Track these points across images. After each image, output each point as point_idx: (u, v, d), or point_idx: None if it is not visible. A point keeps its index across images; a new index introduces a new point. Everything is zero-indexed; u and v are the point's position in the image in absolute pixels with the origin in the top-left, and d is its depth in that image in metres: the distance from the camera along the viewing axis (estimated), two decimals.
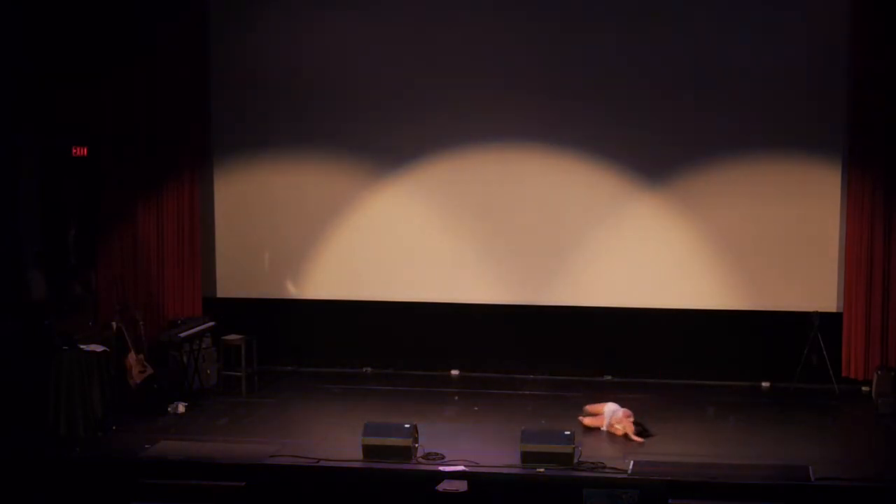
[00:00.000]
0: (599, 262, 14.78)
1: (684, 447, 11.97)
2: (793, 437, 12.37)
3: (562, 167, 14.76)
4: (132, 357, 13.65)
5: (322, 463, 11.28)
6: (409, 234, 15.12)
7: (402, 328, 15.21)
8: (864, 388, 14.07)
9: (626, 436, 12.19)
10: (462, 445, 11.79)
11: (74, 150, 14.91)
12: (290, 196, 15.31)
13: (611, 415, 12.43)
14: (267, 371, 14.98)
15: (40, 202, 14.92)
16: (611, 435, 12.30)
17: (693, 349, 14.67)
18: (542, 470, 10.99)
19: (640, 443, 12.02)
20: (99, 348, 12.86)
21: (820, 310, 14.21)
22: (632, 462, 11.14)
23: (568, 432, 11.44)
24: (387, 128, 15.04)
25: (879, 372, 13.74)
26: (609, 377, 14.70)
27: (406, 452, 11.32)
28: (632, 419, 12.34)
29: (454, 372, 15.18)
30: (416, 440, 11.47)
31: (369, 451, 11.34)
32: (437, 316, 15.09)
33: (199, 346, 14.19)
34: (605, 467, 11.05)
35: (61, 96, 14.67)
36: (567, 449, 11.13)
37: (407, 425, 11.49)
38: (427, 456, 11.41)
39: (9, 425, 12.22)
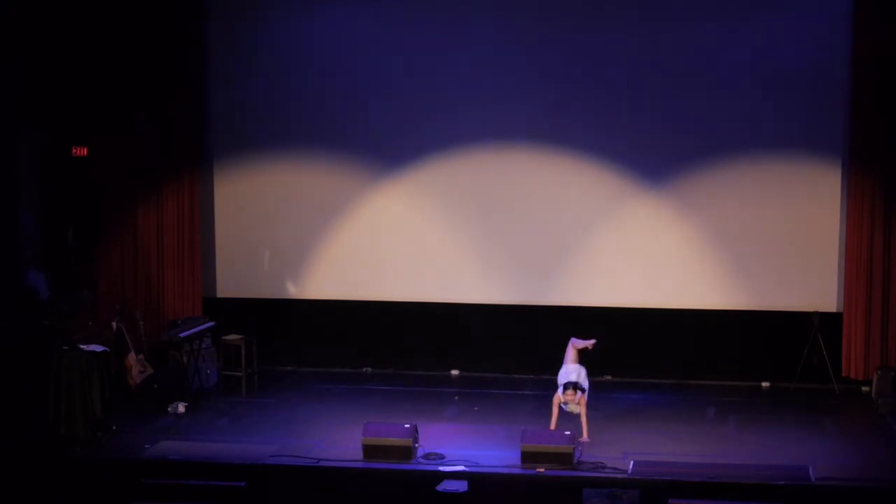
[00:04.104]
0: (599, 262, 14.78)
1: (684, 447, 11.98)
2: (793, 437, 12.38)
3: (562, 167, 14.76)
4: (132, 357, 13.67)
5: (322, 463, 11.28)
6: (409, 235, 15.12)
7: (402, 328, 15.22)
8: (864, 388, 14.08)
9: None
10: (462, 445, 11.80)
11: (74, 150, 14.94)
12: (290, 196, 15.31)
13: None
14: (267, 371, 14.98)
15: (40, 202, 14.94)
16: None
17: (693, 349, 14.68)
18: (542, 470, 10.99)
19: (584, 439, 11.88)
20: (99, 348, 12.86)
21: (820, 310, 14.22)
22: (632, 462, 11.14)
23: (568, 432, 11.45)
24: (387, 128, 15.05)
25: (879, 372, 13.75)
26: (609, 377, 14.69)
27: (406, 452, 11.33)
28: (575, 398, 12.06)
29: (454, 372, 15.18)
30: (416, 440, 11.48)
31: (369, 451, 11.35)
32: (437, 316, 15.10)
33: (199, 346, 14.19)
34: (605, 467, 11.05)
35: (62, 96, 14.69)
36: (567, 449, 11.13)
37: (407, 425, 11.51)
38: (427, 456, 11.41)
39: (9, 425, 12.22)
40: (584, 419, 11.91)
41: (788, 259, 14.42)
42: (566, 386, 11.90)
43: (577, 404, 11.91)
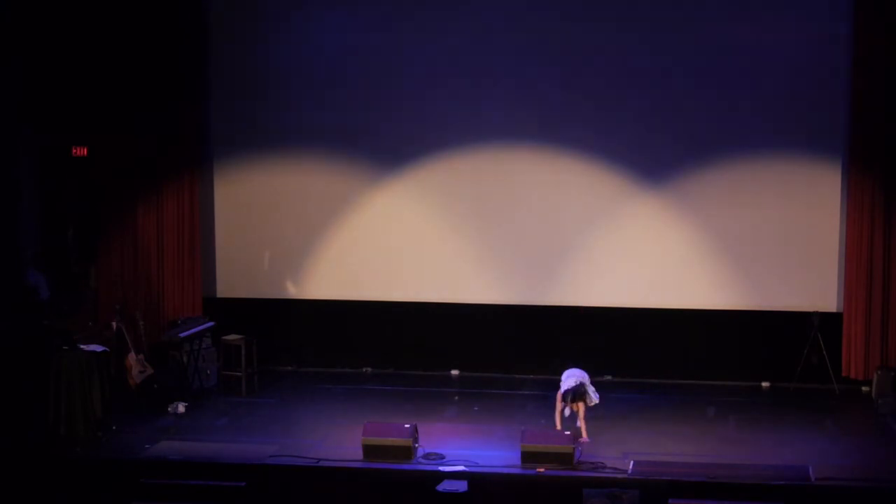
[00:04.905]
0: (599, 262, 14.78)
1: (684, 447, 11.98)
2: (793, 437, 12.38)
3: (562, 167, 14.76)
4: (132, 357, 13.67)
5: (322, 463, 11.28)
6: (410, 235, 15.12)
7: (402, 328, 15.21)
8: (864, 388, 14.08)
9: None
10: (462, 445, 11.80)
11: (74, 150, 14.94)
12: (289, 196, 15.31)
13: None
14: (267, 371, 14.97)
15: (40, 202, 14.94)
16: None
17: (693, 349, 14.67)
18: (542, 470, 10.99)
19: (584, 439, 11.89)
20: (99, 348, 12.86)
21: (820, 310, 14.22)
22: (632, 462, 11.14)
23: (568, 432, 11.45)
24: (387, 128, 15.05)
25: (879, 372, 13.75)
26: (609, 377, 14.68)
27: (406, 452, 11.33)
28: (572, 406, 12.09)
29: (454, 372, 15.18)
30: (416, 440, 11.48)
31: (369, 451, 11.35)
32: (437, 316, 15.10)
33: (199, 346, 14.18)
34: (605, 467, 11.06)
35: (62, 96, 14.69)
36: (567, 449, 11.13)
37: (407, 425, 11.51)
38: (427, 456, 11.41)
39: (9, 425, 12.22)
40: (582, 422, 11.94)
41: (788, 259, 14.41)
42: (564, 397, 11.95)
43: (576, 409, 11.97)
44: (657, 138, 14.56)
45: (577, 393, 11.93)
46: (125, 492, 11.05)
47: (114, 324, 13.96)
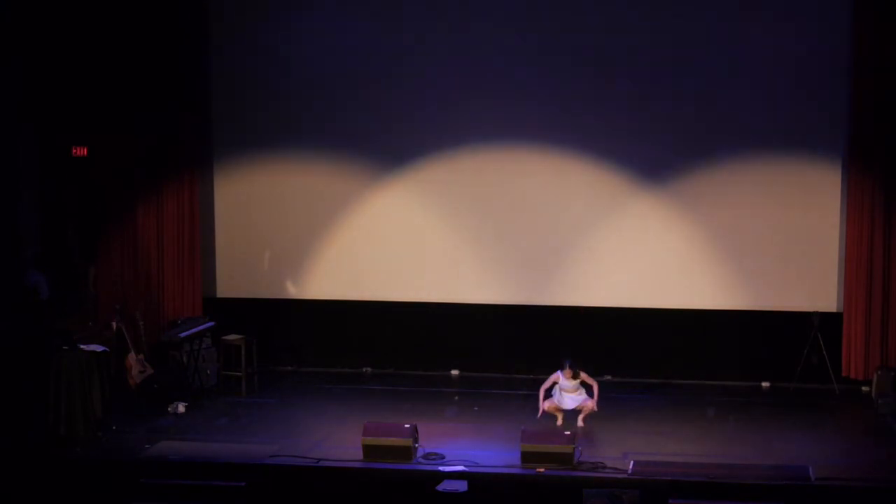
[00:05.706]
0: (599, 262, 14.78)
1: (684, 447, 11.98)
2: (793, 437, 12.38)
3: (562, 167, 14.76)
4: (132, 357, 13.67)
5: (322, 463, 11.29)
6: (409, 234, 15.12)
7: (402, 328, 15.21)
8: (864, 388, 14.08)
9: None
10: (462, 445, 11.80)
11: (74, 150, 14.94)
12: (289, 196, 15.31)
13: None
14: (267, 371, 14.98)
15: (40, 202, 14.94)
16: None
17: (693, 349, 14.67)
18: (542, 470, 10.99)
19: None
20: (99, 348, 12.86)
21: (820, 310, 14.22)
22: (632, 462, 11.14)
23: (568, 432, 11.45)
24: (387, 128, 15.05)
25: (879, 372, 13.75)
26: (609, 377, 14.68)
27: (406, 452, 11.33)
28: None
29: (454, 372, 15.18)
30: (416, 440, 11.48)
31: (369, 451, 11.35)
32: (437, 316, 15.10)
33: (199, 346, 14.18)
34: (605, 467, 11.06)
35: (62, 96, 14.69)
36: (567, 449, 11.14)
37: (407, 425, 11.51)
38: (427, 456, 11.41)
39: (9, 425, 12.22)
40: (583, 417, 12.01)
41: (788, 259, 14.42)
42: (563, 365, 12.22)
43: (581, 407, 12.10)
44: (657, 138, 14.56)
45: (574, 365, 12.15)
46: (125, 492, 11.05)
47: (114, 324, 13.95)
